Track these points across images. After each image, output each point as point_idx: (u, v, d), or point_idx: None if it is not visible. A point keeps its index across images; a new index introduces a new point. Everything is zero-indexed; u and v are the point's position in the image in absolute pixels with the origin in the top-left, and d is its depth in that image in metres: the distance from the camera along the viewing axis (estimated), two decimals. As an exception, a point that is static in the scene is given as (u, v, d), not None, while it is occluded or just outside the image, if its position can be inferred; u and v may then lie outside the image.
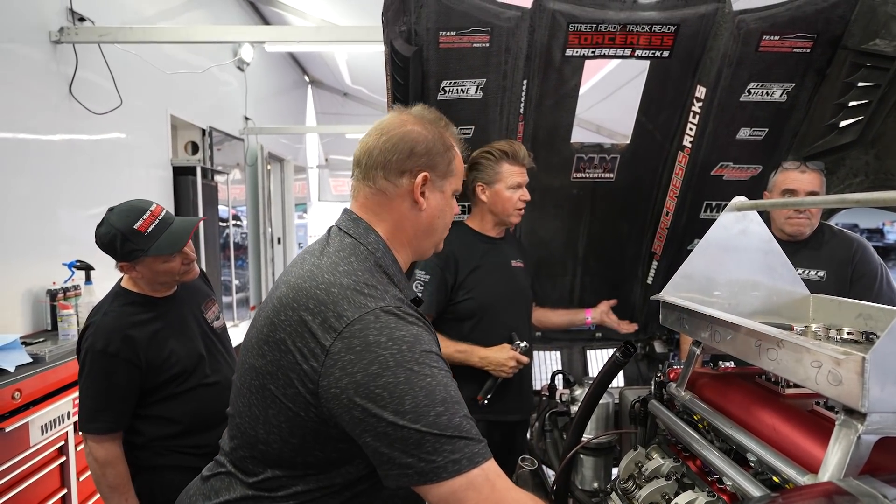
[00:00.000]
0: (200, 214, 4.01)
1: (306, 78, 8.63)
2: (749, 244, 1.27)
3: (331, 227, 0.99)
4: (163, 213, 1.52)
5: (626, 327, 2.26)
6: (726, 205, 2.38)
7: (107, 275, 2.89)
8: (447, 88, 1.98)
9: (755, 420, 0.98)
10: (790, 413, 0.94)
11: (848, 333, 1.09)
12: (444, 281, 1.86)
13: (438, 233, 1.01)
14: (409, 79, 1.81)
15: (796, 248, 1.75)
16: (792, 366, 0.81)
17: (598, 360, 2.67)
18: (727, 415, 1.05)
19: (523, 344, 1.72)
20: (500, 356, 1.74)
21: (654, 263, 2.53)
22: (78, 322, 2.62)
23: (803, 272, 1.70)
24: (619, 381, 2.78)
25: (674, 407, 1.28)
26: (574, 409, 1.74)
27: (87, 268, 2.75)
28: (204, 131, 4.56)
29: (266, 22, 5.86)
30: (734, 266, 1.28)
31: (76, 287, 2.76)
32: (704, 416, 1.08)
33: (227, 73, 5.22)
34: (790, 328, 1.17)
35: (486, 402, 1.72)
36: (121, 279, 1.61)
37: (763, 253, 1.28)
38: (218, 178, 4.61)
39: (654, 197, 2.39)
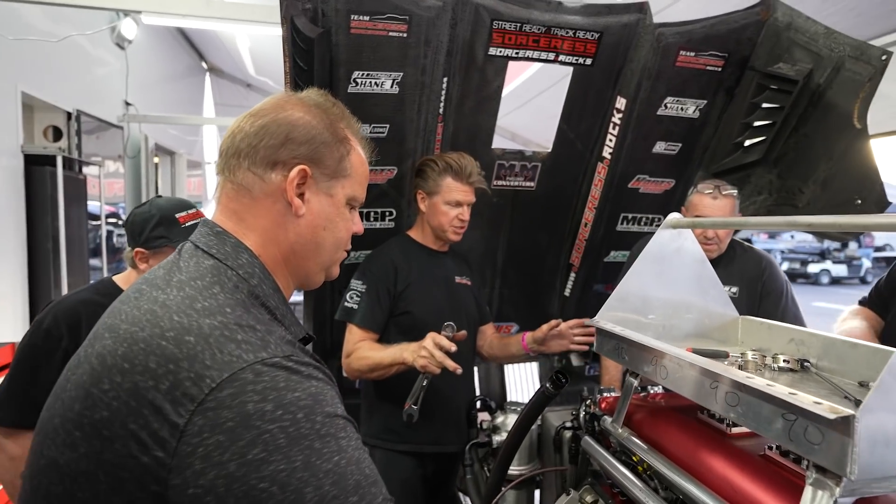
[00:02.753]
0: (61, 211, 3.38)
1: (203, 64, 7.88)
2: (683, 263, 1.20)
3: (183, 246, 0.73)
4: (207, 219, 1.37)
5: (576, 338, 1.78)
6: (642, 218, 2.46)
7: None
8: (359, 80, 1.76)
9: (703, 467, 0.88)
10: (742, 460, 0.85)
11: (784, 361, 1.04)
12: (386, 291, 1.68)
13: (326, 251, 0.76)
14: (313, 64, 1.56)
15: (711, 265, 1.76)
16: (758, 416, 0.70)
17: (516, 376, 2.57)
18: (670, 457, 0.95)
19: (448, 325, 1.45)
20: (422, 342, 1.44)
21: (572, 275, 2.49)
22: None
23: (718, 288, 1.70)
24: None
25: (608, 443, 1.16)
26: (496, 437, 1.59)
27: None
28: (70, 115, 3.88)
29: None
30: (668, 287, 1.20)
31: None
32: (646, 460, 0.96)
33: (104, 49, 4.53)
34: (726, 355, 1.11)
35: (414, 407, 1.41)
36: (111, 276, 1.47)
37: (696, 273, 1.21)
38: (88, 169, 3.95)
39: (573, 207, 2.34)
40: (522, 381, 2.49)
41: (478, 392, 2.48)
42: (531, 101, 4.00)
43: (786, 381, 1.00)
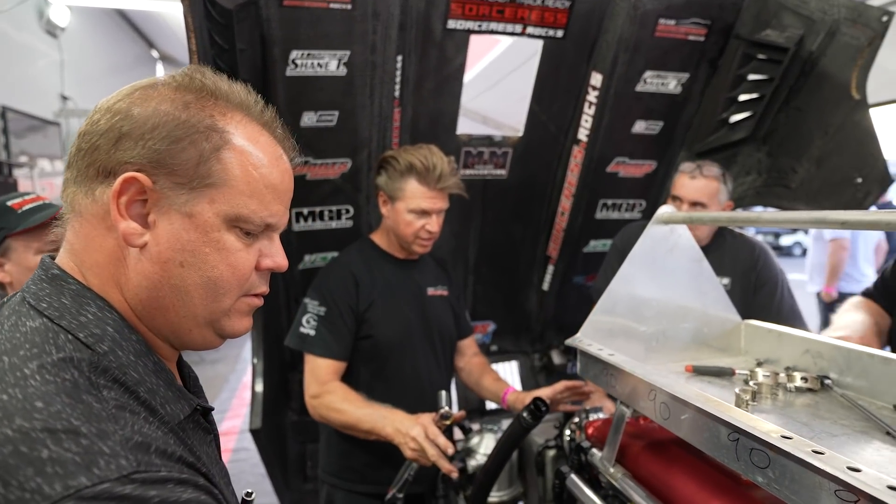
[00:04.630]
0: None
1: (154, 53, 7.40)
2: (678, 264, 1.03)
3: (12, 297, 0.52)
4: (49, 202, 1.23)
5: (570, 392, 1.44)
6: (622, 204, 2.29)
7: None
8: (299, 61, 1.52)
9: (719, 525, 0.71)
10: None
11: (802, 380, 0.88)
12: (348, 309, 1.42)
13: (196, 297, 0.53)
14: (235, 42, 1.33)
15: (700, 254, 1.60)
16: (798, 487, 0.53)
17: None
18: (675, 507, 0.78)
19: (443, 410, 1.24)
20: (409, 427, 1.22)
21: (550, 268, 2.33)
22: None
23: (709, 281, 1.55)
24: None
25: (596, 478, 0.99)
26: (471, 462, 1.41)
27: None
28: (-6, 112, 3.53)
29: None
30: (662, 290, 1.02)
31: None
32: (647, 512, 0.79)
33: (32, 37, 4.13)
34: (731, 372, 0.94)
35: (399, 496, 1.22)
36: None
37: (693, 274, 1.04)
38: (20, 171, 3.61)
39: (548, 195, 2.16)
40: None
41: (455, 400, 2.31)
42: (502, 82, 3.79)
43: (804, 404, 0.84)
